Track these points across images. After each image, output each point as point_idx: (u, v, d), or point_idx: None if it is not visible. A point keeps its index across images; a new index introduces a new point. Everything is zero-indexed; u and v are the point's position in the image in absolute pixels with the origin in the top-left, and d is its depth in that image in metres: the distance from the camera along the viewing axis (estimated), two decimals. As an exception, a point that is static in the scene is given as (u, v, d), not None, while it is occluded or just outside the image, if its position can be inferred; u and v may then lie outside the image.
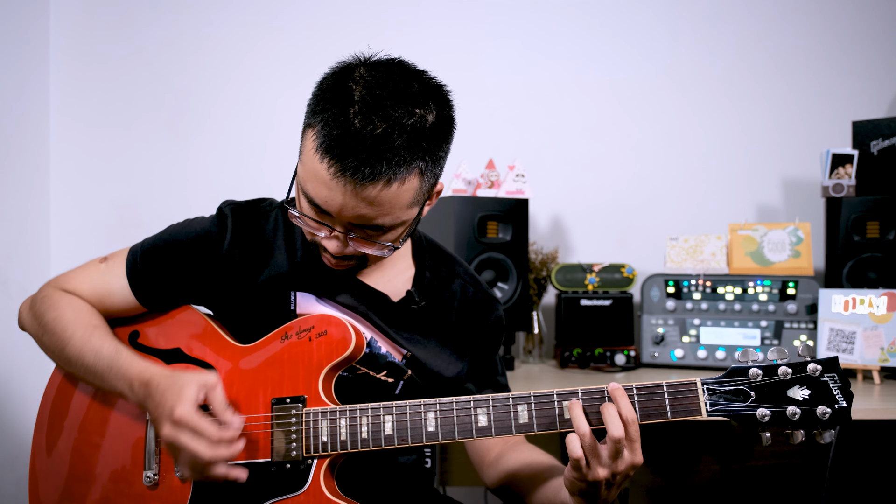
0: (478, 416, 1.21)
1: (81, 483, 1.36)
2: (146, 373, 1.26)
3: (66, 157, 2.70)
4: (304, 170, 1.19)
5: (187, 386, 1.20)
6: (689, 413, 1.13)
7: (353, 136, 1.11)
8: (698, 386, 1.13)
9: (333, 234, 1.22)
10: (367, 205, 1.16)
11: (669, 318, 2.30)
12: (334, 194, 1.15)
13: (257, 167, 2.70)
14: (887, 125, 2.38)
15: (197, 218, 1.43)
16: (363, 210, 1.17)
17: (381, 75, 1.16)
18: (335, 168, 1.13)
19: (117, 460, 1.35)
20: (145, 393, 1.25)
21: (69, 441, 1.39)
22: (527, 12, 2.78)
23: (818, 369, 1.10)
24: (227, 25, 2.74)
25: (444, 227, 2.24)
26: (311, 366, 1.29)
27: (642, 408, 1.15)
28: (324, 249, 1.27)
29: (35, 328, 1.40)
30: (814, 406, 1.10)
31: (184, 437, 1.18)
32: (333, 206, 1.17)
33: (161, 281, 1.38)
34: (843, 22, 2.76)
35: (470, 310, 1.45)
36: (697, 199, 2.76)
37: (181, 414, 1.18)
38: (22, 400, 2.44)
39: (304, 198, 1.21)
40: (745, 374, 1.12)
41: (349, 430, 1.24)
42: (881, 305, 2.05)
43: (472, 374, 1.46)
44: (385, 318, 1.38)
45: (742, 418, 1.12)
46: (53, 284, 1.42)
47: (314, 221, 1.22)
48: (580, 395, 1.17)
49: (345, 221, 1.20)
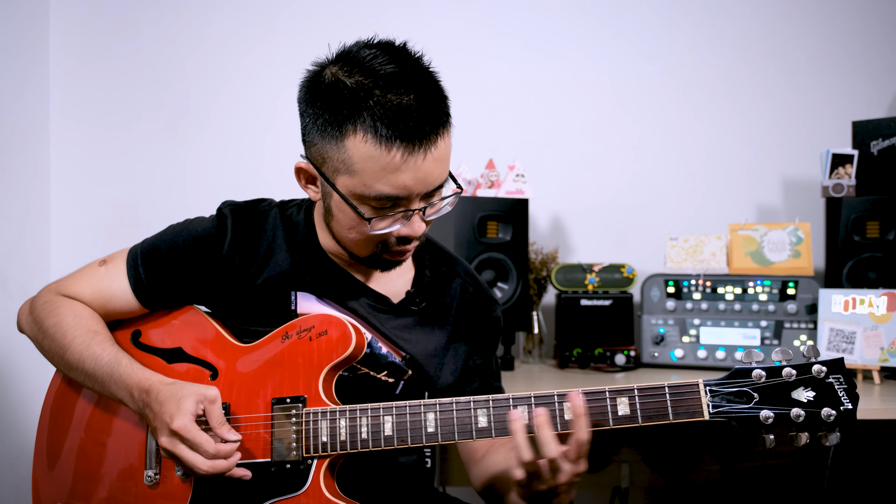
0: (478, 416, 1.20)
1: (84, 483, 1.37)
2: (146, 381, 1.26)
3: (66, 158, 2.70)
4: (366, 175, 1.16)
5: (186, 398, 1.21)
6: (692, 415, 1.11)
7: (401, 109, 1.13)
8: (700, 387, 1.12)
9: (416, 214, 1.21)
10: (437, 164, 1.18)
11: (669, 318, 2.30)
12: (412, 172, 1.16)
13: (257, 167, 2.70)
14: (887, 125, 2.38)
15: (197, 218, 1.43)
16: (437, 171, 1.19)
17: (362, 55, 1.18)
18: (405, 145, 1.13)
19: (118, 460, 1.35)
20: (145, 402, 1.25)
21: (72, 442, 1.39)
22: (527, 12, 2.78)
23: (823, 370, 1.09)
24: (227, 26, 2.74)
25: (444, 227, 2.24)
26: (311, 366, 1.29)
27: (643, 409, 1.13)
28: (399, 244, 1.25)
29: (35, 333, 1.40)
30: (819, 408, 1.08)
31: (181, 449, 1.20)
32: (415, 184, 1.17)
33: (162, 283, 1.38)
34: (843, 22, 2.76)
35: (469, 309, 1.46)
36: (697, 199, 2.76)
37: (179, 426, 1.18)
38: (23, 400, 2.44)
39: (372, 203, 1.19)
40: (748, 376, 1.11)
41: (349, 430, 1.24)
42: (881, 305, 2.05)
43: (470, 375, 1.46)
44: (385, 321, 1.38)
45: (745, 420, 1.10)
46: (53, 289, 1.42)
47: (399, 215, 1.21)
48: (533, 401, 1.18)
49: (421, 195, 1.20)
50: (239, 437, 1.24)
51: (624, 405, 1.14)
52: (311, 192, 1.28)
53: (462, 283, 1.46)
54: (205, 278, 1.37)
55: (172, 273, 1.38)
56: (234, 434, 1.23)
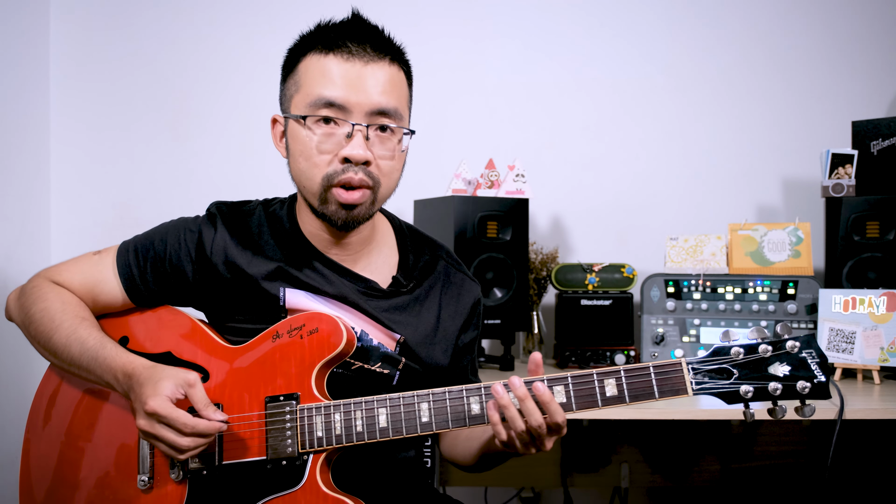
0: (471, 405, 1.22)
1: (75, 486, 1.36)
2: (129, 365, 1.27)
3: (66, 158, 2.71)
4: (308, 85, 1.29)
5: (163, 380, 1.22)
6: (676, 392, 1.17)
7: (354, 25, 1.31)
8: (683, 366, 1.17)
9: (356, 130, 1.27)
10: (376, 81, 1.28)
11: (669, 318, 2.29)
12: (348, 77, 1.27)
13: (257, 167, 2.70)
14: (887, 125, 2.37)
15: (186, 218, 1.44)
16: (375, 88, 1.28)
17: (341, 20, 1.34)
18: (346, 52, 1.28)
19: (111, 463, 1.35)
20: (128, 385, 1.26)
21: (62, 444, 1.39)
22: (527, 12, 2.78)
23: (796, 346, 1.15)
24: (227, 26, 2.74)
25: (444, 227, 2.24)
26: (303, 363, 1.29)
27: (630, 388, 1.18)
28: (344, 172, 1.28)
29: (22, 318, 1.41)
30: (794, 381, 1.14)
31: (158, 429, 1.20)
32: (349, 88, 1.27)
33: (151, 279, 1.39)
34: (843, 22, 2.76)
35: (453, 290, 1.48)
36: (697, 199, 2.75)
37: (154, 406, 1.19)
38: (22, 400, 2.44)
39: (316, 115, 1.28)
40: (727, 353, 1.17)
41: (343, 424, 1.25)
42: (881, 305, 2.04)
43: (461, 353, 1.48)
44: (375, 306, 1.39)
45: (726, 395, 1.16)
46: (44, 275, 1.43)
47: (343, 132, 1.28)
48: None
49: (362, 110, 1.27)
50: (225, 416, 1.25)
51: (611, 386, 1.18)
52: (281, 148, 1.39)
53: (445, 265, 1.49)
54: (193, 277, 1.38)
55: (161, 271, 1.39)
56: (220, 414, 1.23)
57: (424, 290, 1.45)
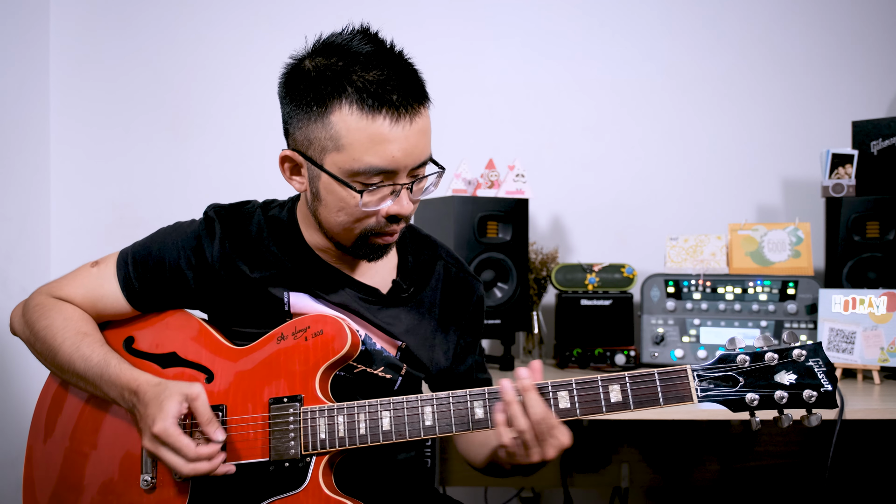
0: (474, 408, 1.22)
1: (79, 489, 1.36)
2: (134, 382, 1.27)
3: (66, 158, 2.70)
4: (354, 149, 1.17)
5: (169, 399, 1.21)
6: (681, 399, 1.16)
7: (385, 81, 1.16)
8: (689, 373, 1.16)
9: (404, 191, 1.22)
10: (422, 136, 1.20)
11: (669, 318, 2.29)
12: (400, 143, 1.17)
13: (257, 167, 2.70)
14: (887, 125, 2.37)
15: (185, 222, 1.43)
16: (422, 144, 1.21)
17: (339, 41, 1.23)
18: (391, 114, 1.16)
19: (115, 464, 1.35)
20: (133, 403, 1.27)
21: (66, 445, 1.39)
22: (527, 12, 2.78)
23: (803, 354, 1.13)
24: (226, 25, 2.74)
25: (444, 227, 2.24)
26: (307, 365, 1.29)
27: (635, 395, 1.17)
28: (388, 223, 1.25)
29: (27, 336, 1.40)
30: (800, 390, 1.13)
31: (162, 451, 1.21)
32: (402, 156, 1.18)
33: (152, 286, 1.39)
34: (843, 22, 2.76)
35: (453, 289, 1.47)
36: (697, 199, 2.76)
37: (159, 430, 1.19)
38: (23, 401, 2.44)
39: (361, 178, 1.20)
40: (733, 361, 1.15)
41: (347, 426, 1.25)
42: (881, 305, 2.04)
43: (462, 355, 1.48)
44: (376, 312, 1.38)
45: (732, 403, 1.15)
46: (45, 291, 1.42)
47: (388, 190, 1.21)
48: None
49: (408, 169, 1.21)
50: (224, 436, 1.24)
51: (616, 392, 1.18)
52: (296, 183, 1.30)
53: (445, 265, 1.48)
54: (196, 282, 1.37)
55: (163, 277, 1.38)
56: (220, 433, 1.23)
57: (424, 292, 1.44)
